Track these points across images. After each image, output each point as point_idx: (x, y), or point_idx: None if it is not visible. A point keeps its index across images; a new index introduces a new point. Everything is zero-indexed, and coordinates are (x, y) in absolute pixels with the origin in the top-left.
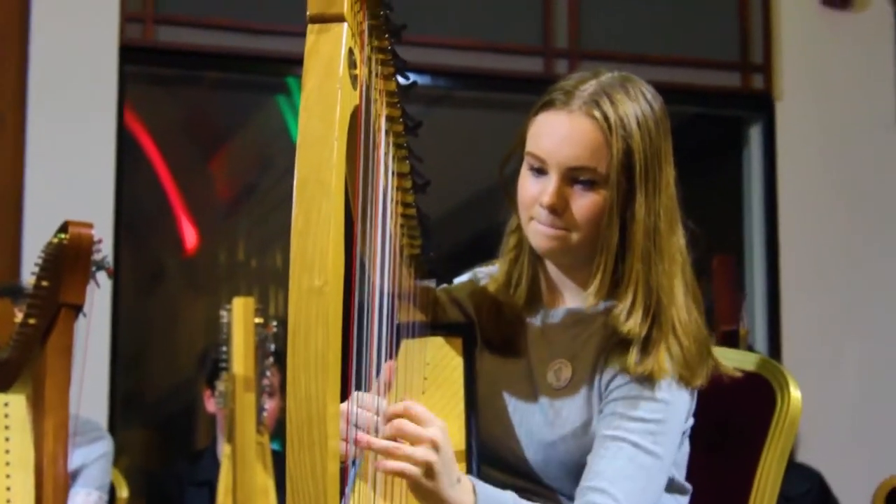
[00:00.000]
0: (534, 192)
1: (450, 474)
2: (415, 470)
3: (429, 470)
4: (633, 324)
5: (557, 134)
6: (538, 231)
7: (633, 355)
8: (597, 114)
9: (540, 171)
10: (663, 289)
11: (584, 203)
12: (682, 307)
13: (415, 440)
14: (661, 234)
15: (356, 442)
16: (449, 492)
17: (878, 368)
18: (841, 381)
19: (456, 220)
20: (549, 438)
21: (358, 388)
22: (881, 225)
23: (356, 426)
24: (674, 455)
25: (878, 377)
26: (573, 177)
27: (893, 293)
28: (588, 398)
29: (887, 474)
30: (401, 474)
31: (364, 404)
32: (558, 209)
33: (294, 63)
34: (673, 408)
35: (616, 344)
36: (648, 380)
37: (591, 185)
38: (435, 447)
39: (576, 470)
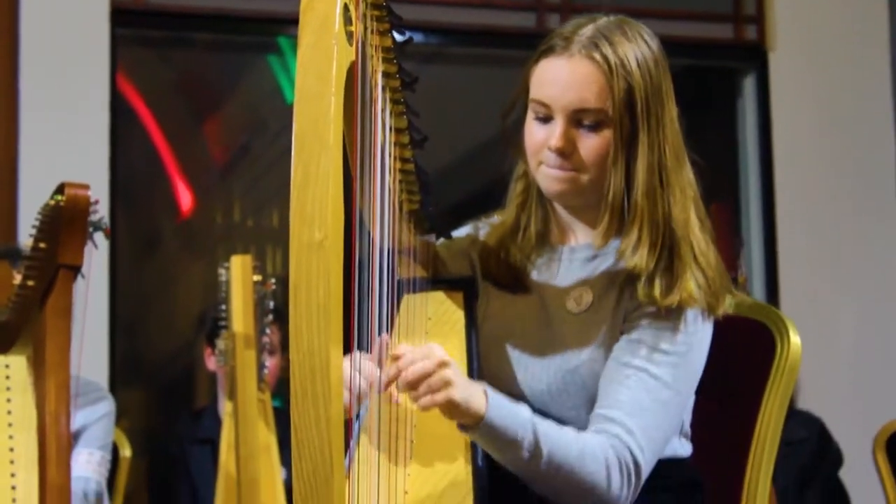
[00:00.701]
0: (541, 137)
1: (464, 382)
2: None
3: (448, 383)
4: (638, 259)
5: (560, 79)
6: (548, 175)
7: (657, 288)
8: (597, 56)
9: (545, 117)
10: (676, 221)
11: (590, 144)
12: (700, 239)
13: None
14: (667, 169)
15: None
16: (463, 395)
17: (878, 313)
18: (840, 327)
19: (451, 177)
20: (573, 363)
21: (360, 341)
22: (874, 172)
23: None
24: (693, 391)
25: (878, 322)
26: (578, 119)
27: (889, 237)
28: (612, 323)
29: (888, 419)
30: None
31: (364, 369)
32: (566, 152)
33: (285, 23)
34: (697, 341)
35: (636, 280)
36: (678, 310)
37: (596, 126)
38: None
39: (595, 395)
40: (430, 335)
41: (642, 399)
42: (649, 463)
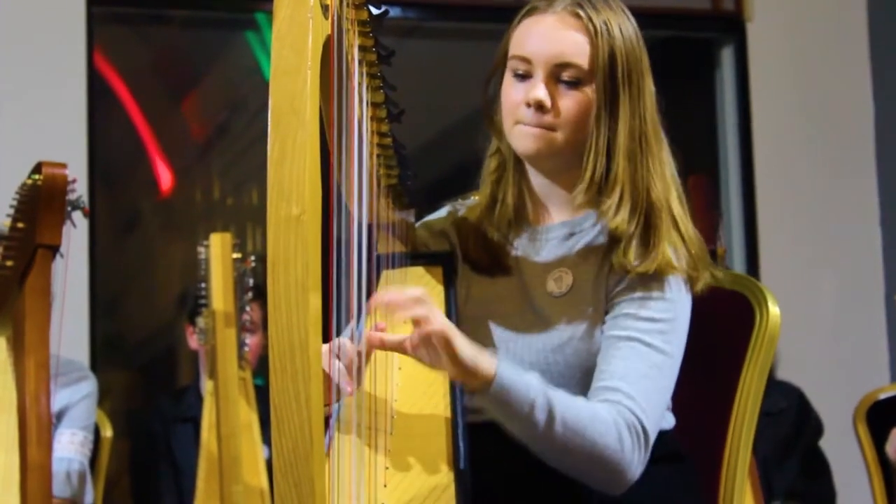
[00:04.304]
0: (519, 95)
1: (467, 341)
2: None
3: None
4: (620, 219)
5: (543, 33)
6: (524, 133)
7: (632, 254)
8: (581, 13)
9: (525, 75)
10: (654, 189)
11: (569, 101)
12: (678, 208)
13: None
14: (647, 137)
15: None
16: (469, 353)
17: (857, 284)
18: (820, 298)
19: (430, 154)
20: (555, 342)
21: (339, 317)
22: (853, 143)
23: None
24: (682, 354)
25: (857, 292)
26: (558, 74)
27: (868, 209)
28: (594, 302)
29: (868, 389)
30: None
31: (344, 350)
32: (545, 105)
33: None
34: (681, 307)
35: (615, 246)
36: (656, 277)
37: (576, 83)
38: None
39: (579, 374)
40: None
41: (637, 366)
42: (654, 427)
